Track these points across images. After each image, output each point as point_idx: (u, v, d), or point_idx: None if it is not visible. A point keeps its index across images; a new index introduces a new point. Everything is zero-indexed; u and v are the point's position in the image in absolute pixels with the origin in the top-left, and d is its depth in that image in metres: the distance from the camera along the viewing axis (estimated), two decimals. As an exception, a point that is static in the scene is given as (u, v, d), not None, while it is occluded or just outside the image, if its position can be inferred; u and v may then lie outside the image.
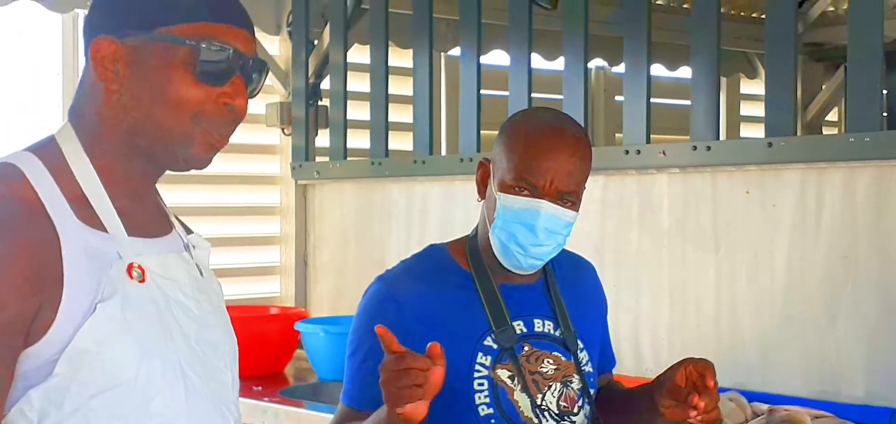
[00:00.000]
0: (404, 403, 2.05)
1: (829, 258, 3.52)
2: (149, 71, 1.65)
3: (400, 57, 5.38)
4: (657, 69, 6.37)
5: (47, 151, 1.67)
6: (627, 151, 3.92)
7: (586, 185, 2.37)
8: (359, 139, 5.12)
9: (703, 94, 3.78)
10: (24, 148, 1.69)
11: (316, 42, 5.18)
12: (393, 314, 2.31)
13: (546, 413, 2.33)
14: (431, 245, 2.48)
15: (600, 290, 2.58)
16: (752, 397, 3.48)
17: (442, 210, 4.64)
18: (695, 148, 3.75)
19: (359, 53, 5.19)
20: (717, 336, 3.80)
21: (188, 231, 1.87)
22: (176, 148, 1.68)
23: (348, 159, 5.02)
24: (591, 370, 2.42)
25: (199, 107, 1.66)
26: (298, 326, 4.53)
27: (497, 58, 5.87)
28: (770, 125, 3.59)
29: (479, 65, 4.46)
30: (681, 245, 3.88)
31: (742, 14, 6.58)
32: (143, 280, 1.64)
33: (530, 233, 2.28)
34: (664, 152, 3.84)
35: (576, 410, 2.37)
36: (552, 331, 2.39)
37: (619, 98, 6.71)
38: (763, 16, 6.62)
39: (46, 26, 4.82)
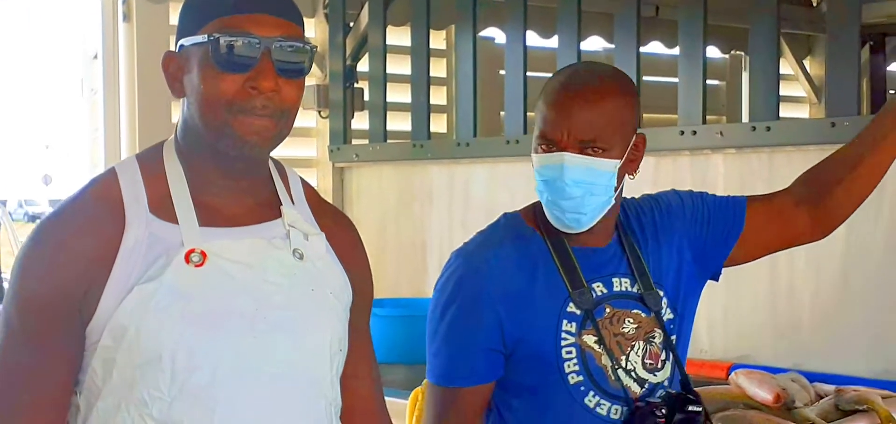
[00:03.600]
0: None
1: (891, 237, 3.50)
2: (192, 75, 1.79)
3: (432, 39, 5.35)
4: (656, 47, 6.31)
5: (149, 155, 1.87)
6: (682, 132, 3.89)
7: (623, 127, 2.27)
8: (392, 122, 5.09)
9: (761, 74, 3.76)
10: (136, 153, 1.90)
11: (352, 24, 5.15)
12: (478, 289, 2.29)
13: (632, 374, 2.31)
14: (505, 214, 2.43)
15: (668, 198, 2.48)
16: (812, 378, 3.46)
17: (486, 192, 4.62)
18: (754, 128, 3.73)
19: (392, 35, 5.15)
20: (773, 318, 3.78)
21: (333, 221, 1.98)
22: (223, 139, 1.78)
23: (388, 141, 4.99)
24: (671, 316, 2.37)
25: (229, 96, 1.76)
26: (344, 309, 4.48)
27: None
28: (831, 105, 3.58)
29: (524, 46, 4.45)
30: (736, 226, 3.85)
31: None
32: (201, 264, 1.77)
33: (558, 188, 2.24)
34: (721, 133, 3.82)
35: (660, 365, 2.34)
36: (630, 288, 2.35)
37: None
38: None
39: (85, 9, 4.79)
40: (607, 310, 2.32)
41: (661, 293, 2.37)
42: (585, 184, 2.24)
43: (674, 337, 2.38)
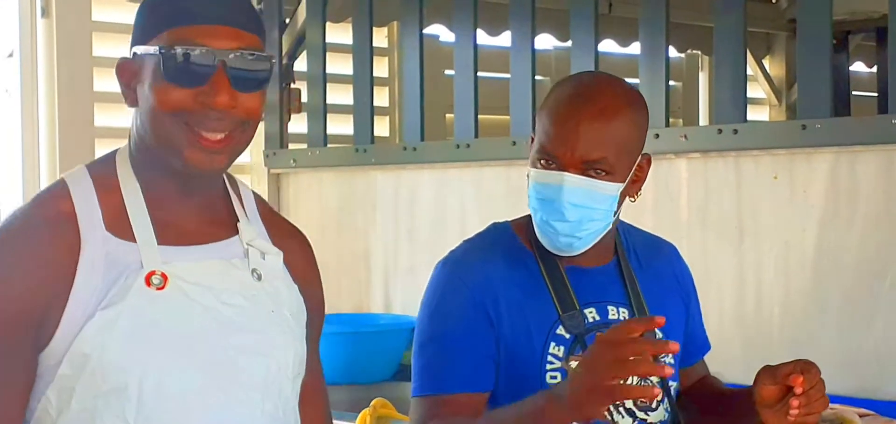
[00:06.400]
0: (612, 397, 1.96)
1: (865, 244, 3.52)
2: (143, 84, 1.80)
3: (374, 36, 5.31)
4: (609, 45, 6.31)
5: (101, 166, 1.88)
6: (644, 136, 3.87)
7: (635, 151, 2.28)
8: (332, 125, 5.05)
9: (728, 74, 3.76)
10: (86, 163, 1.89)
11: (288, 20, 5.10)
12: (469, 295, 2.27)
13: (621, 408, 2.29)
14: (494, 224, 2.42)
15: (682, 272, 2.51)
16: (784, 395, 3.46)
17: (434, 200, 4.60)
18: (720, 131, 3.74)
19: (332, 32, 5.11)
20: (742, 331, 3.78)
21: (287, 237, 2.00)
22: (171, 153, 1.80)
23: (328, 146, 4.94)
24: (670, 361, 2.36)
25: (177, 108, 1.77)
26: (282, 325, 4.42)
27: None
28: (803, 107, 3.59)
29: (475, 44, 4.43)
30: (701, 235, 3.86)
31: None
32: (162, 287, 1.78)
33: (556, 210, 2.22)
34: (685, 136, 3.82)
35: (654, 405, 2.32)
36: (627, 318, 2.33)
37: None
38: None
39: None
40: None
41: (660, 334, 2.33)
42: (584, 208, 2.21)
43: (673, 384, 2.37)
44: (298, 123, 5.14)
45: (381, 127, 5.57)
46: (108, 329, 1.74)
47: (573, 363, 2.25)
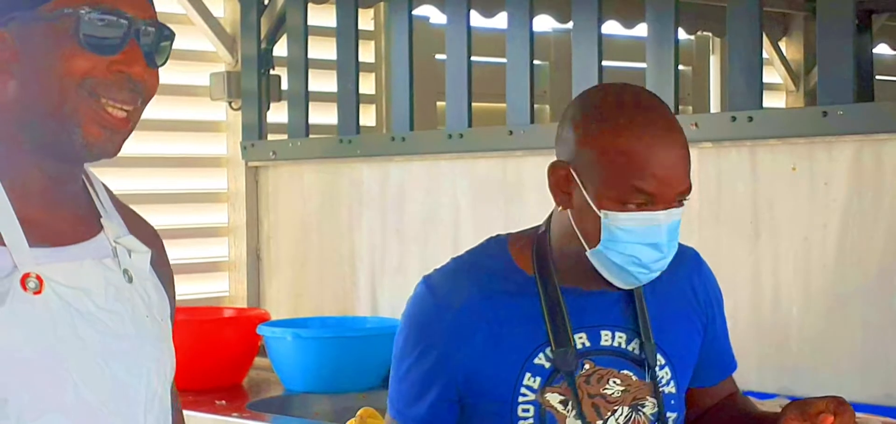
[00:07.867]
0: None
1: (891, 239, 3.49)
2: (35, 53, 1.73)
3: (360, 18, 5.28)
4: (613, 27, 6.27)
5: None
6: (652, 124, 3.84)
7: None
8: (315, 114, 5.03)
9: (742, 57, 3.74)
10: None
11: (267, 2, 5.07)
12: (437, 334, 2.27)
13: None
14: (495, 240, 2.37)
15: (702, 284, 2.44)
16: (802, 404, 3.44)
17: (425, 195, 4.57)
18: (734, 119, 3.71)
19: (314, 15, 5.08)
20: (757, 333, 3.76)
21: (141, 230, 1.92)
22: (68, 130, 1.73)
23: (310, 136, 4.92)
24: (672, 391, 2.32)
25: (86, 76, 1.72)
26: (262, 330, 4.40)
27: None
28: (824, 93, 3.57)
29: (468, 27, 4.40)
30: (713, 231, 3.83)
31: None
32: (39, 292, 1.71)
33: (655, 250, 2.17)
34: (696, 124, 3.78)
35: None
36: (623, 345, 2.29)
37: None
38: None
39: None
40: (587, 366, 2.25)
41: (664, 360, 2.32)
42: (676, 239, 2.20)
43: (672, 415, 2.32)
44: (278, 113, 5.11)
45: (367, 116, 5.54)
46: None
47: (549, 396, 2.23)
